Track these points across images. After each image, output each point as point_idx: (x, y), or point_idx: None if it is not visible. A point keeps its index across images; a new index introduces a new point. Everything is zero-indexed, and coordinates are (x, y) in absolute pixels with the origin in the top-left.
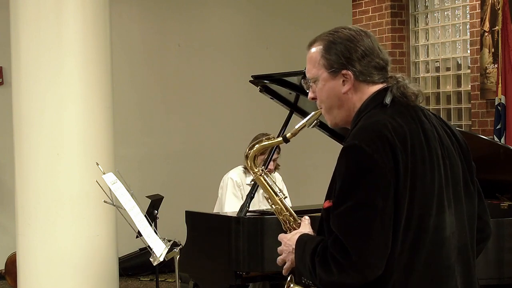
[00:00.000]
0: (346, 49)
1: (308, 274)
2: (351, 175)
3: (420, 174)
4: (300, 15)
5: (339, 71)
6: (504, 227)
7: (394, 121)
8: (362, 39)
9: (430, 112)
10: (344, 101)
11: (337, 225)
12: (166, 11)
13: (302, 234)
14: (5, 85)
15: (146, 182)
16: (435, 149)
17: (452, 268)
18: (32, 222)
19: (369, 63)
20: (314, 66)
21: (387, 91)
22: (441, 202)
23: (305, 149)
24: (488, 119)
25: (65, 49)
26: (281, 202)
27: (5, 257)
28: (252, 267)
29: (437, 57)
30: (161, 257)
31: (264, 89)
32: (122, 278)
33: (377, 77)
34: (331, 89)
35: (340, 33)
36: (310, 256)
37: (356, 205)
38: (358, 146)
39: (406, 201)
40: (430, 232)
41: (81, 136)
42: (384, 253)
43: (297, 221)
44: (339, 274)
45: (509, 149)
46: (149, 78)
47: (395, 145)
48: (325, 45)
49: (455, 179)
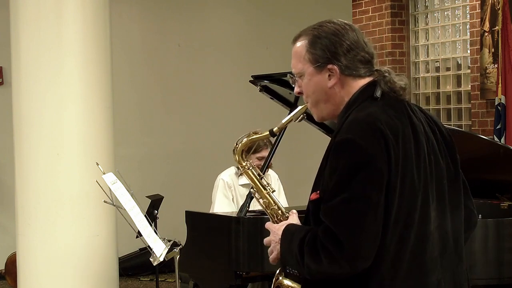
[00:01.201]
0: (331, 43)
1: (295, 263)
2: (346, 169)
3: (409, 169)
4: (300, 15)
5: (325, 65)
6: (504, 227)
7: (386, 114)
8: (347, 33)
9: (416, 106)
10: (330, 95)
11: (330, 217)
12: (166, 11)
13: (289, 224)
14: (5, 85)
15: (146, 182)
16: (422, 144)
17: (435, 262)
18: (32, 222)
19: (355, 57)
20: (299, 61)
21: (376, 85)
22: (426, 196)
23: (305, 149)
24: (488, 119)
25: (65, 49)
26: (269, 195)
27: (5, 257)
28: (252, 267)
29: (437, 57)
30: (161, 257)
31: (264, 89)
32: (122, 278)
33: (363, 71)
34: (317, 84)
35: (325, 27)
36: (299, 245)
37: (351, 198)
38: (352, 139)
39: (396, 194)
40: (415, 226)
41: (81, 136)
42: (374, 246)
43: (285, 214)
44: (328, 264)
45: (509, 149)
46: (149, 78)
47: (388, 138)
48: (310, 40)
49: (439, 174)
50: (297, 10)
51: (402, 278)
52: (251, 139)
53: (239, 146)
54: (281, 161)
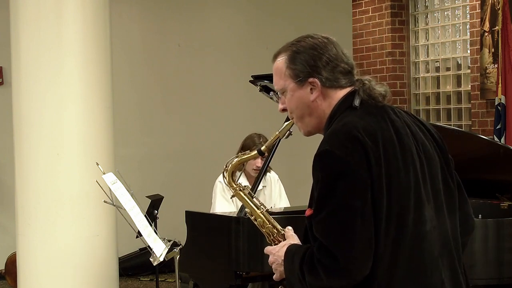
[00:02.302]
0: (310, 58)
1: (299, 283)
2: (326, 181)
3: (394, 170)
4: (300, 15)
5: (306, 79)
6: (504, 227)
7: (363, 121)
8: (326, 46)
9: (402, 110)
10: (313, 108)
11: (320, 231)
12: (166, 11)
13: (289, 246)
14: (5, 85)
15: (146, 182)
16: (409, 146)
17: (436, 262)
18: (32, 222)
19: (335, 69)
20: (280, 78)
21: (355, 94)
22: (419, 197)
23: (305, 149)
24: (488, 119)
25: (65, 49)
26: (263, 215)
27: (5, 257)
28: (252, 267)
29: (437, 57)
30: (161, 257)
31: (264, 89)
32: (122, 278)
33: (344, 82)
34: (299, 99)
35: (303, 42)
36: (299, 265)
37: (336, 209)
38: (330, 151)
39: (384, 198)
40: (410, 227)
41: (81, 136)
42: (369, 253)
43: (281, 232)
44: (327, 279)
45: (509, 149)
46: (149, 78)
47: (366, 144)
48: (289, 56)
49: (432, 174)
50: (297, 10)
51: (400, 279)
52: (240, 159)
53: (229, 167)
54: (281, 161)
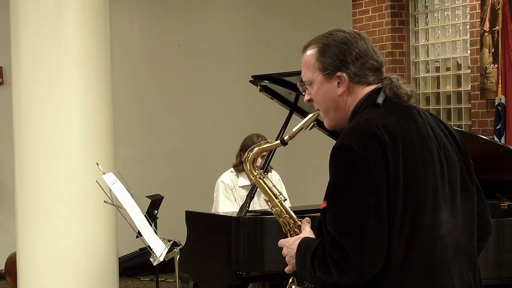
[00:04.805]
0: (340, 52)
1: (310, 277)
2: (342, 175)
3: (412, 171)
4: (300, 15)
5: (334, 73)
6: (504, 227)
7: (385, 119)
8: (356, 41)
9: (427, 112)
10: (339, 103)
11: (333, 225)
12: (166, 12)
13: (303, 239)
14: (5, 85)
15: (146, 182)
16: (429, 148)
17: (448, 266)
18: (32, 222)
19: (364, 65)
20: (309, 69)
21: (380, 91)
22: (436, 200)
23: (305, 149)
24: (488, 119)
25: (65, 49)
26: (281, 204)
27: (5, 257)
28: (252, 267)
29: (437, 57)
30: (161, 257)
31: (264, 89)
32: (122, 278)
33: (372, 78)
34: (326, 92)
35: (334, 35)
36: (311, 259)
37: (349, 204)
38: (347, 145)
39: (400, 198)
40: (424, 229)
41: (81, 136)
42: (381, 251)
43: (297, 223)
44: (338, 275)
45: (509, 149)
46: (149, 78)
47: (385, 142)
48: (319, 48)
49: (451, 178)
50: (297, 10)
51: (412, 281)
52: (262, 148)
53: (250, 155)
54: (281, 160)
